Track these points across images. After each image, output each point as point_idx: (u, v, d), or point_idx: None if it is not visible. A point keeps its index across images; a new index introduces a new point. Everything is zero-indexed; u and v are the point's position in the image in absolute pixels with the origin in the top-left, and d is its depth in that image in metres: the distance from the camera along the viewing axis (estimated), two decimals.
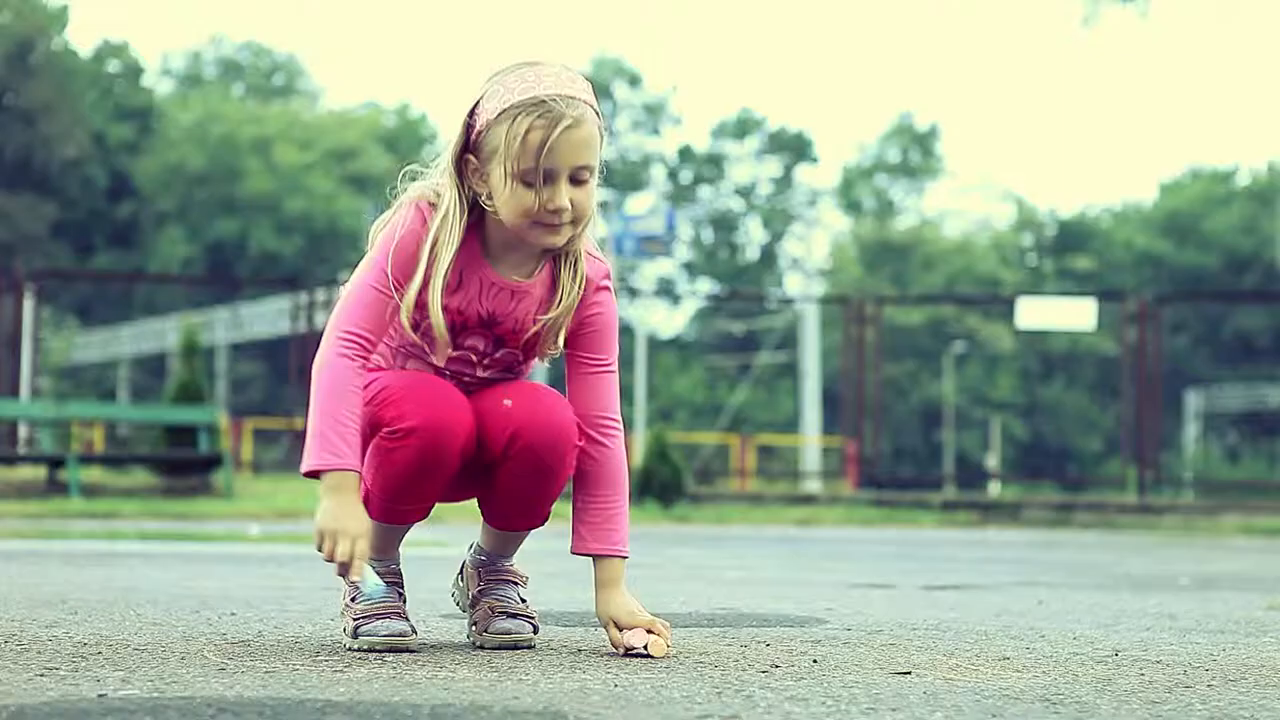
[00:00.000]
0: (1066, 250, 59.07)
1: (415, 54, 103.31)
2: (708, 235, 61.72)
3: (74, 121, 51.43)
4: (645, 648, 2.95)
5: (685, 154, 62.01)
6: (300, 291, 20.79)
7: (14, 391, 18.17)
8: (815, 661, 2.94)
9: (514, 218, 2.83)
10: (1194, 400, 50.47)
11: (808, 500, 17.79)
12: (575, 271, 2.94)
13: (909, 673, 2.79)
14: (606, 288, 3.01)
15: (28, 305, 18.58)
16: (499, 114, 2.80)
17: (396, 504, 2.96)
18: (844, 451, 22.84)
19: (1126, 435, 20.13)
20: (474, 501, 3.11)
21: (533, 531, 3.14)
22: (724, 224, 62.21)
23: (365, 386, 2.90)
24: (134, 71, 58.77)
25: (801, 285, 37.61)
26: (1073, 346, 54.44)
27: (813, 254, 35.59)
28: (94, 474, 16.13)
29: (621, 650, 2.97)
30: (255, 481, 18.15)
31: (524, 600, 3.16)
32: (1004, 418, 54.71)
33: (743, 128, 62.54)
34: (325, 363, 2.85)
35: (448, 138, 2.92)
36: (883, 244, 58.46)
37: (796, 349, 37.61)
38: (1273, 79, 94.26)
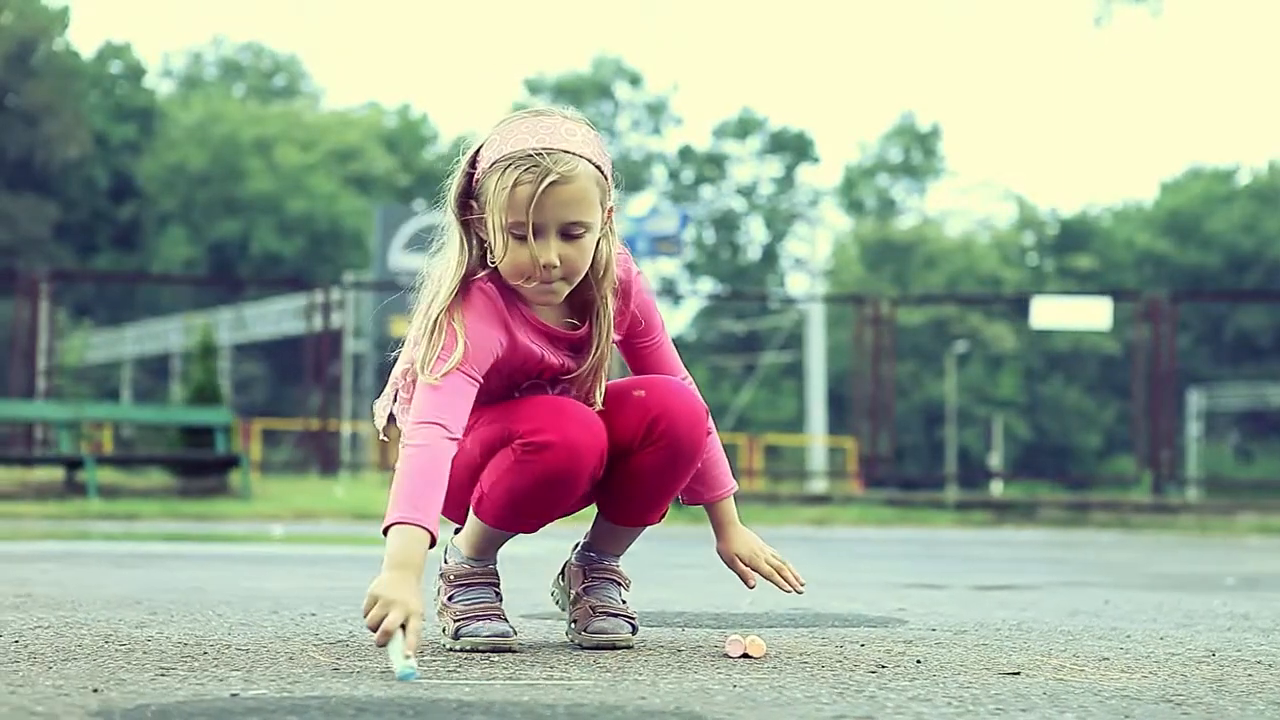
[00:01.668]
0: (1068, 249, 59.13)
1: (416, 54, 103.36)
2: (709, 235, 61.75)
3: (76, 122, 51.44)
4: (745, 652, 2.97)
5: (686, 154, 62.05)
6: (316, 290, 20.76)
7: (30, 393, 18.17)
8: (919, 662, 2.95)
9: (508, 271, 2.84)
10: (1196, 400, 50.52)
11: (822, 500, 17.79)
12: (605, 324, 2.95)
13: (1018, 673, 2.79)
14: (639, 273, 3.03)
15: (44, 307, 18.57)
16: (492, 164, 2.82)
17: (517, 514, 2.95)
18: (856, 452, 22.85)
19: (1138, 435, 20.09)
20: None
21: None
22: (725, 224, 62.25)
23: (495, 406, 2.94)
24: (136, 72, 58.78)
25: (806, 285, 37.52)
26: (1075, 345, 54.50)
27: (817, 253, 35.52)
28: (109, 475, 16.12)
29: (751, 584, 3.13)
30: (265, 482, 18.12)
31: (624, 601, 3.17)
32: (1006, 416, 54.77)
33: (744, 127, 62.59)
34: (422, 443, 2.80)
35: (450, 182, 2.93)
36: (884, 243, 58.52)
37: (801, 349, 37.64)
38: (1273, 78, 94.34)
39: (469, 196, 2.90)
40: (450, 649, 3.00)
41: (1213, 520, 15.36)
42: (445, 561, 3.09)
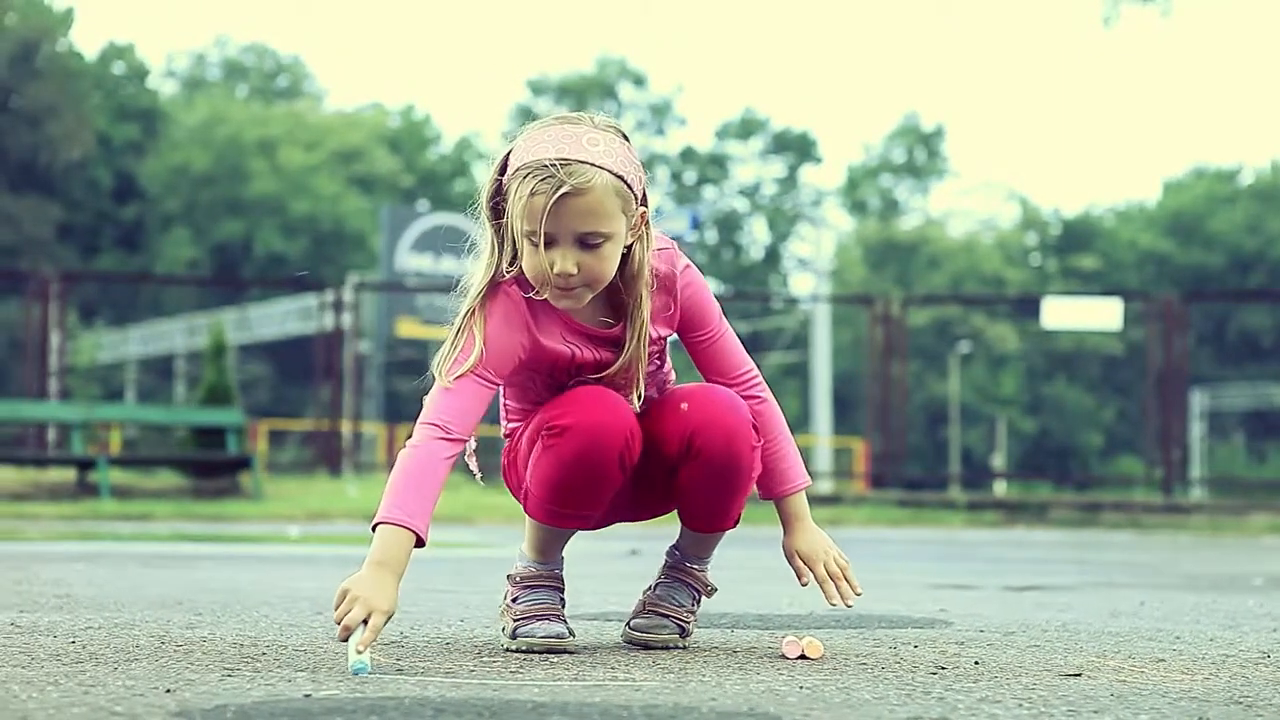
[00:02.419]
0: (1071, 250, 59.12)
1: (419, 55, 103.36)
2: (711, 235, 61.75)
3: (79, 123, 51.39)
4: (802, 654, 2.97)
5: (689, 154, 62.05)
6: (326, 290, 20.74)
7: (43, 394, 18.16)
8: (977, 663, 2.95)
9: (529, 276, 2.86)
10: (1199, 400, 50.51)
11: (832, 501, 17.79)
12: (638, 324, 2.94)
13: (1079, 675, 2.79)
14: (687, 267, 3.01)
15: (55, 308, 18.57)
16: (514, 172, 2.83)
17: (556, 506, 2.97)
18: (864, 452, 22.85)
19: (1148, 435, 20.08)
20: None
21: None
22: (728, 224, 62.26)
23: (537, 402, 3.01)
24: (139, 73, 58.74)
25: (811, 285, 37.51)
26: (1078, 345, 54.50)
27: (822, 254, 35.50)
28: (119, 476, 16.13)
29: (802, 582, 3.10)
30: (275, 483, 18.14)
31: (689, 606, 3.17)
32: (1009, 414, 54.78)
33: (747, 128, 62.59)
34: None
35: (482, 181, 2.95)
36: (887, 244, 58.53)
37: (806, 349, 37.63)
38: (1277, 77, 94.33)
39: (500, 200, 2.91)
40: (508, 649, 3.01)
41: (1225, 520, 15.36)
42: (515, 565, 3.12)
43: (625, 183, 2.82)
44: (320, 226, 54.14)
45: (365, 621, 2.66)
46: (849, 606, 3.11)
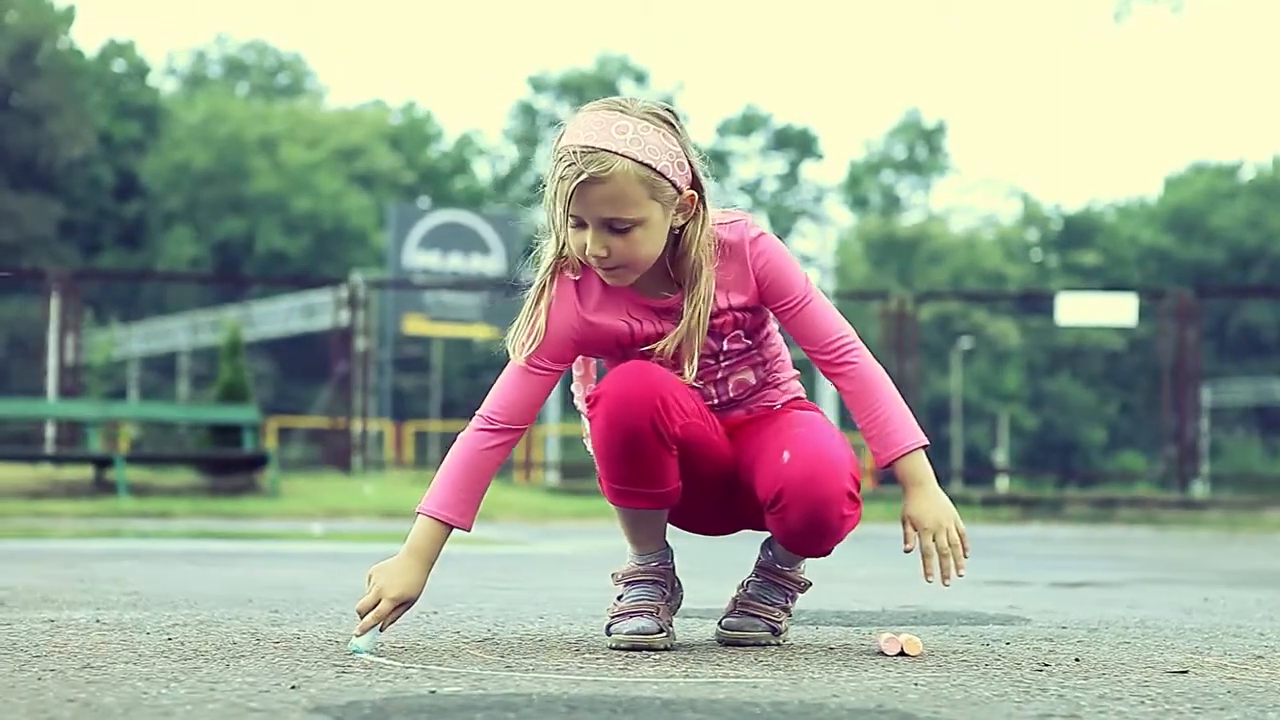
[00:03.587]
0: (1072, 245, 59.18)
1: (420, 52, 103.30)
2: None
3: (80, 121, 51.36)
4: (902, 650, 2.97)
5: None
6: (341, 286, 20.70)
7: (59, 392, 18.14)
8: (1077, 660, 2.94)
9: (573, 253, 2.91)
10: (1205, 395, 50.55)
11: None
12: (694, 300, 2.94)
13: (1185, 672, 2.79)
14: (759, 236, 2.99)
15: (69, 306, 18.55)
16: (551, 154, 2.90)
17: (611, 482, 2.99)
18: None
19: (1163, 430, 20.07)
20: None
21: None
22: None
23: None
24: (139, 71, 58.69)
25: (815, 281, 37.38)
26: (1080, 341, 54.55)
27: (824, 250, 35.55)
28: (135, 473, 16.12)
29: (906, 548, 2.98)
30: (289, 480, 18.13)
31: (781, 604, 3.17)
32: (1012, 410, 54.81)
33: (748, 124, 62.63)
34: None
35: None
36: (888, 240, 58.55)
37: None
38: (1277, 73, 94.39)
39: None
40: (610, 646, 3.02)
41: (1240, 517, 15.37)
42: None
43: (655, 170, 2.84)
44: (322, 224, 54.11)
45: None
46: (945, 585, 3.00)
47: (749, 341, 3.05)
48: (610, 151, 2.82)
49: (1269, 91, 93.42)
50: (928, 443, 3.00)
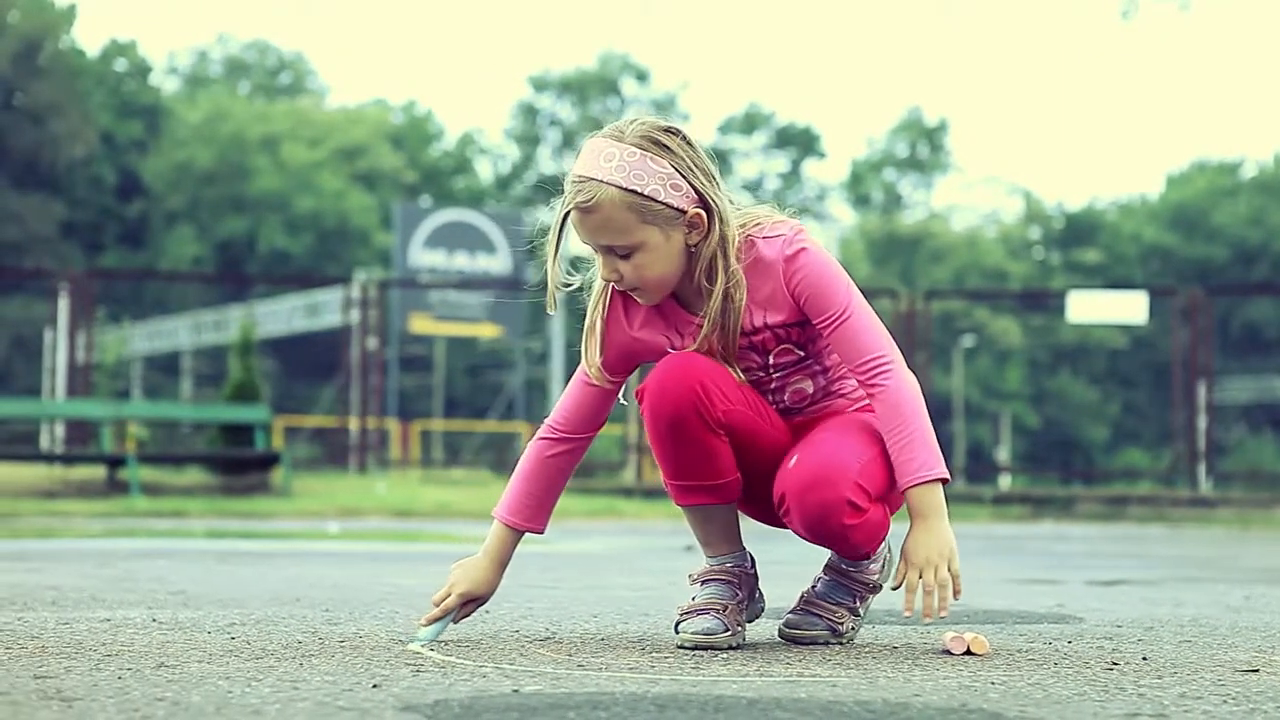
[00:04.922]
0: (1074, 243, 59.16)
1: (422, 51, 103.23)
2: None
3: (82, 121, 51.33)
4: (968, 649, 2.96)
5: None
6: (352, 284, 20.68)
7: (70, 391, 18.14)
8: (1144, 659, 2.94)
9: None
10: (1201, 392, 50.51)
11: None
12: (711, 313, 2.97)
13: (1256, 671, 2.79)
14: (798, 253, 2.98)
15: (67, 305, 18.54)
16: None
17: (668, 478, 3.03)
18: None
19: (1175, 427, 20.07)
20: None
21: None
22: None
23: None
24: (141, 70, 58.68)
25: None
26: (1082, 339, 54.54)
27: (829, 248, 35.56)
28: (147, 473, 16.12)
29: (893, 585, 2.96)
30: (299, 479, 18.13)
31: (848, 604, 3.16)
32: (1014, 407, 54.81)
33: (750, 123, 62.58)
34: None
35: None
36: (890, 238, 58.54)
37: None
38: (1278, 70, 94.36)
39: None
40: (676, 645, 3.03)
41: (1253, 514, 15.37)
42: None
43: (642, 194, 2.87)
44: (324, 223, 54.10)
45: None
46: (925, 621, 3.02)
47: (801, 353, 3.05)
48: (596, 180, 2.88)
49: (1271, 88, 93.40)
50: (946, 476, 2.93)
